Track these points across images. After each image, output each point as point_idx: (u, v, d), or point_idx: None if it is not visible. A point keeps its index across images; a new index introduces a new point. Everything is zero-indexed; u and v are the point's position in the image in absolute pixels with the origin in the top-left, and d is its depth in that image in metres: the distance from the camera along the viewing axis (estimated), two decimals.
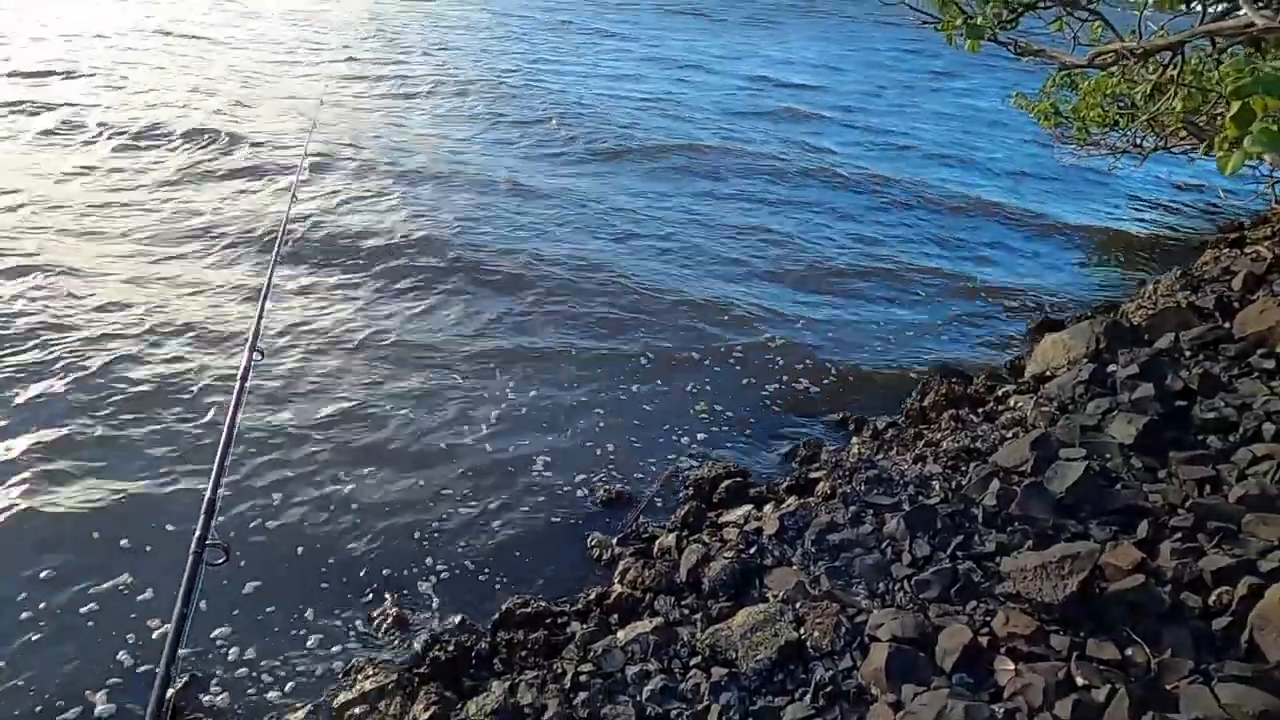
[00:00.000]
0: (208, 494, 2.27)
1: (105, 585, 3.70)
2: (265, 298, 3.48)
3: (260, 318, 3.29)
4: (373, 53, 17.53)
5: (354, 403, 5.23)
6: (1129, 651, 2.90)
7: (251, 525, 4.11)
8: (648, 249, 8.23)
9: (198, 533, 2.13)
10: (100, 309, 5.93)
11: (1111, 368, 5.17)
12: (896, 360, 6.53)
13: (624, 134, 12.23)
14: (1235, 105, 2.60)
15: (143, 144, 9.73)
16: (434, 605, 3.78)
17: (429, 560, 4.03)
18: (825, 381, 6.08)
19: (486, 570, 4.02)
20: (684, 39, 26.92)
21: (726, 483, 4.63)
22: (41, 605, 3.57)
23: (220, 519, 2.26)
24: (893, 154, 13.49)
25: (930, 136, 15.25)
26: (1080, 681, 2.79)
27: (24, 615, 3.52)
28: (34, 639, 3.42)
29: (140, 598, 3.66)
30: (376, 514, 4.30)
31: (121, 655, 3.38)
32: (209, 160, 9.43)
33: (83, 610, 3.57)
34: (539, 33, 24.33)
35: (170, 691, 1.82)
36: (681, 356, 6.19)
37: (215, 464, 2.36)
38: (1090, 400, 4.85)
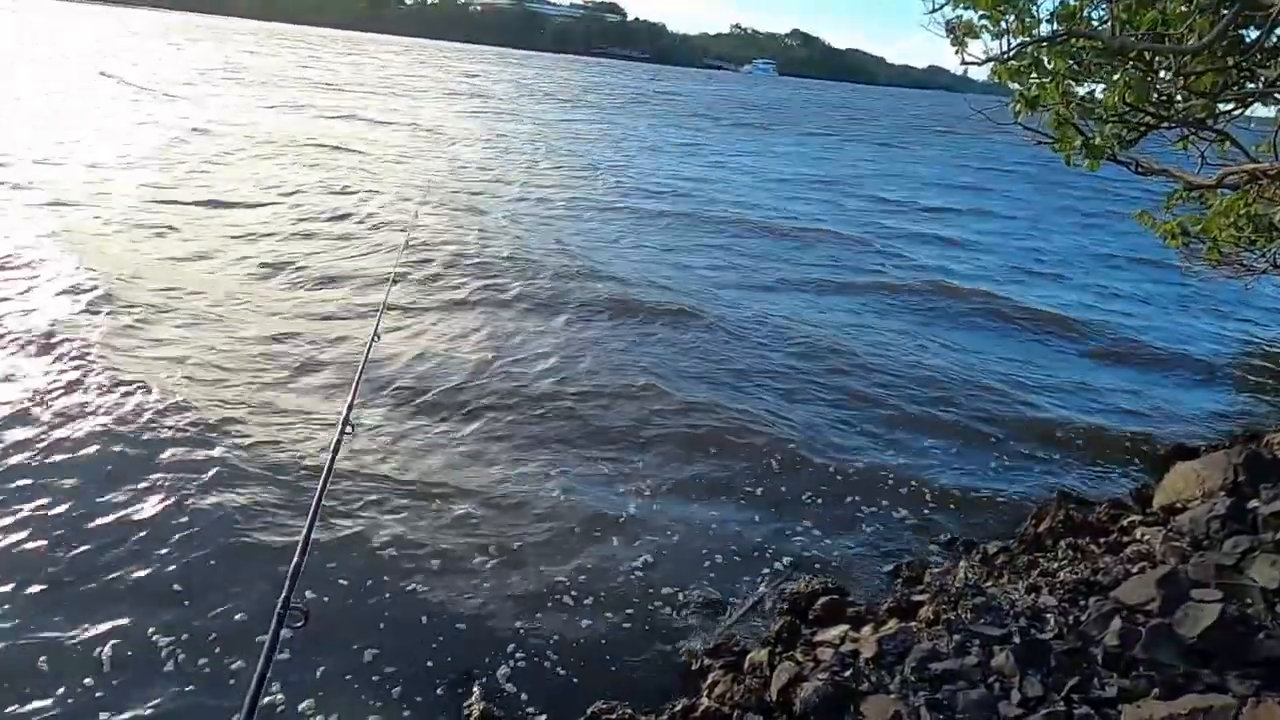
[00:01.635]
0: (294, 559, 2.38)
1: (192, 641, 3.94)
2: (360, 375, 3.68)
3: (354, 392, 3.48)
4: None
5: (449, 492, 5.39)
6: None
7: (337, 604, 4.23)
8: (774, 372, 8.16)
9: (282, 595, 2.22)
10: (203, 381, 6.53)
11: (1253, 503, 4.78)
12: (1010, 483, 6.23)
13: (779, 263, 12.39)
14: None
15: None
16: (521, 702, 3.77)
17: (517, 655, 4.04)
18: (933, 501, 5.86)
19: (573, 670, 4.00)
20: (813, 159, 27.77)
21: (823, 599, 4.48)
22: (132, 658, 3.82)
23: (308, 594, 2.35)
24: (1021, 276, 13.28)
25: (1054, 249, 15.03)
26: None
27: (114, 670, 3.75)
28: (122, 694, 3.64)
29: (225, 655, 3.86)
30: (466, 601, 4.38)
31: (205, 708, 3.56)
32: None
33: (168, 666, 3.80)
34: (668, 157, 25.63)
35: None
36: (791, 470, 6.12)
37: (304, 533, 2.48)
38: (1227, 537, 4.48)
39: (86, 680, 3.67)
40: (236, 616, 4.10)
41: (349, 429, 3.24)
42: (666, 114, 43.46)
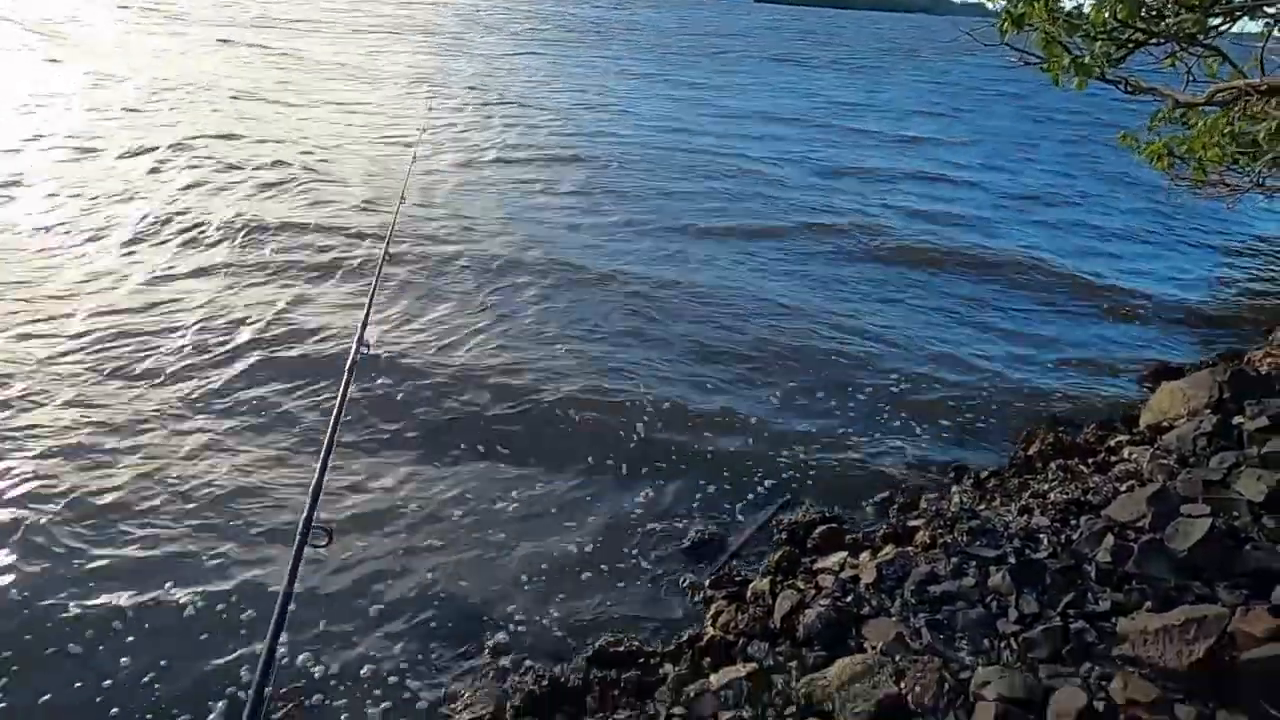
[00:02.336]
0: (314, 480, 2.36)
1: (214, 565, 4.04)
2: (374, 293, 3.69)
3: (368, 312, 3.47)
4: None
5: (455, 429, 5.48)
6: None
7: (348, 545, 4.27)
8: (772, 303, 8.12)
9: (304, 516, 2.21)
10: (202, 318, 6.55)
11: (1237, 419, 4.87)
12: (998, 409, 6.29)
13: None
14: None
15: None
16: (528, 638, 3.82)
17: (523, 593, 4.09)
18: (923, 431, 5.91)
19: (579, 608, 4.05)
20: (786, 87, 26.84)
21: (821, 528, 4.55)
22: (153, 584, 3.89)
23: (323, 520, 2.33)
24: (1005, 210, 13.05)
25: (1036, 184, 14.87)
26: None
27: (133, 592, 3.83)
28: (143, 614, 3.73)
29: (248, 578, 3.97)
30: (471, 542, 4.41)
31: (228, 632, 3.67)
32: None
33: (190, 597, 3.86)
34: (607, 80, 24.68)
35: (273, 670, 1.85)
36: (777, 400, 6.17)
37: (322, 453, 2.47)
38: (1214, 454, 4.58)
39: (109, 604, 3.75)
40: (259, 540, 4.18)
41: (364, 348, 3.17)
42: (629, 46, 41.83)
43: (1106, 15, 5.55)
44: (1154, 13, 5.83)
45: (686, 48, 42.68)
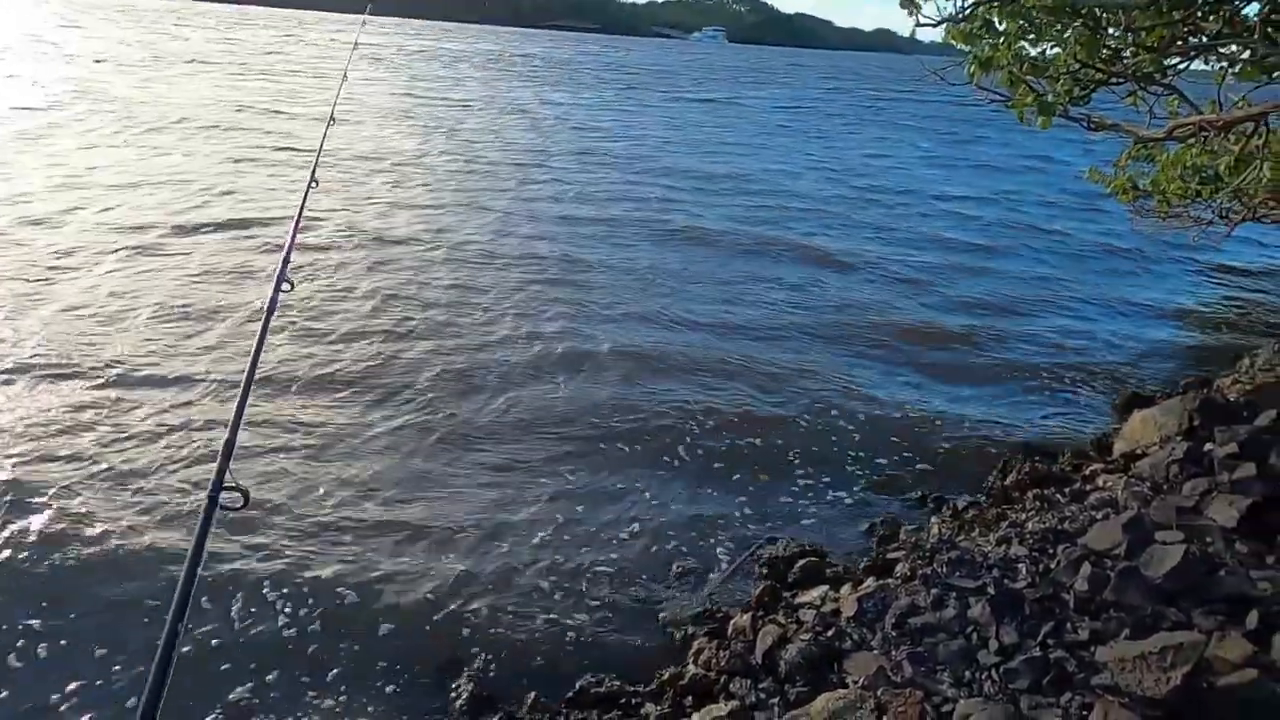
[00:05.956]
0: (225, 435, 2.08)
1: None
2: (295, 229, 3.30)
3: (289, 249, 3.12)
4: None
5: (418, 481, 5.34)
6: None
7: (324, 595, 4.19)
8: (730, 325, 8.27)
9: (214, 476, 1.95)
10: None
11: (1208, 446, 4.93)
12: (975, 439, 6.35)
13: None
14: None
15: None
16: (506, 681, 3.77)
17: (501, 634, 4.03)
18: (901, 459, 5.96)
19: (558, 648, 4.00)
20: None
21: (802, 562, 4.55)
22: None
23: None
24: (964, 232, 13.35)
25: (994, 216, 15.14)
26: None
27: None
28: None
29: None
30: (445, 586, 4.35)
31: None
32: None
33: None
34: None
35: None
36: (754, 433, 6.19)
37: (235, 406, 2.20)
38: (1186, 480, 4.64)
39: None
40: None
41: (286, 285, 2.89)
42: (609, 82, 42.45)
43: (1068, 57, 5.73)
44: (1113, 53, 6.02)
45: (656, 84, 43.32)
